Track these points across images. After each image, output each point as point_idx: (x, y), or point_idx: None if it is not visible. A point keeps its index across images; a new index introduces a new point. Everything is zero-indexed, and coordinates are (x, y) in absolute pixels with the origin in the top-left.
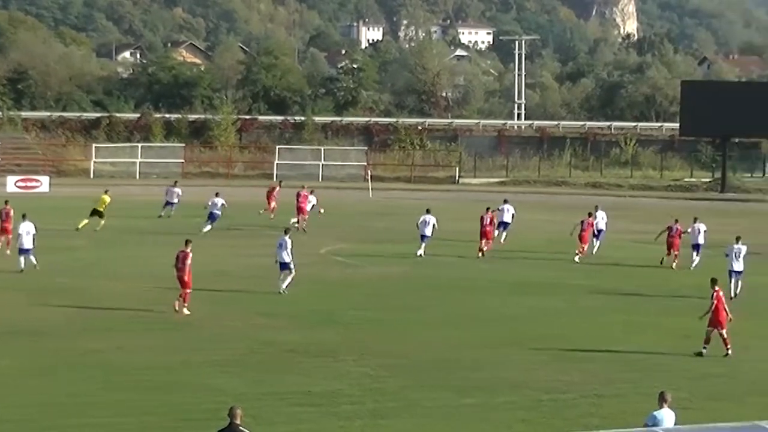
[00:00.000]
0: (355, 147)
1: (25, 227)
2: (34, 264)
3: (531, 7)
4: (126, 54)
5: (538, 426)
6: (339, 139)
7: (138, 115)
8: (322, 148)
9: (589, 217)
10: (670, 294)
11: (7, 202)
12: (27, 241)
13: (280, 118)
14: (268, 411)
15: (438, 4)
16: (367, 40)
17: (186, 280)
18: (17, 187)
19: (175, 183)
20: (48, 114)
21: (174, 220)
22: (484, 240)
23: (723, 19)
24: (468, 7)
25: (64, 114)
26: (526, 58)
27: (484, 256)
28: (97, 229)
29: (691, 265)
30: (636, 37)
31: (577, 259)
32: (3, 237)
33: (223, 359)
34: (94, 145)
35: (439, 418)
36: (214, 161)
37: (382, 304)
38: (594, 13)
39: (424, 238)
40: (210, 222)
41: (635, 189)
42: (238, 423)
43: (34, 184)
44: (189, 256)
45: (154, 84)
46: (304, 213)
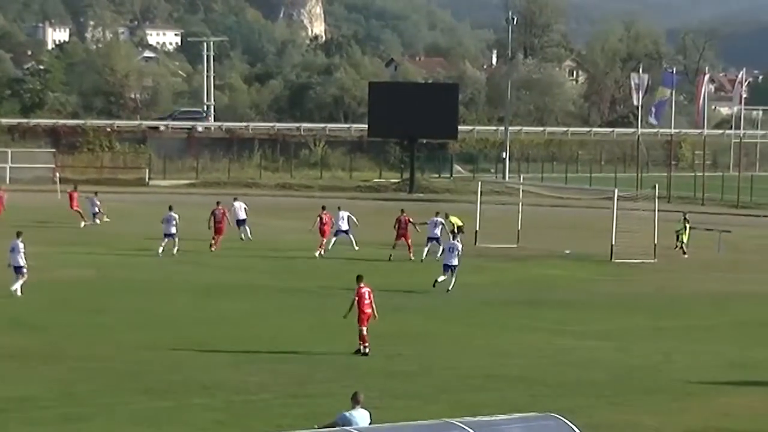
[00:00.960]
0: (43, 149)
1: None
2: None
3: (218, 8)
4: None
5: (233, 427)
6: (26, 141)
7: None
8: (9, 151)
9: (323, 211)
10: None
11: None
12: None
13: None
14: None
15: (125, 5)
16: (54, 41)
17: None
18: None
19: None
20: None
21: None
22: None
23: (408, 21)
24: (155, 8)
25: None
26: (214, 60)
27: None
28: None
29: (423, 256)
30: (324, 38)
31: (317, 255)
32: None
33: None
34: None
35: (133, 422)
36: None
37: (72, 307)
38: (282, 14)
39: (168, 237)
40: None
41: (325, 190)
42: None
43: None
44: None
45: None
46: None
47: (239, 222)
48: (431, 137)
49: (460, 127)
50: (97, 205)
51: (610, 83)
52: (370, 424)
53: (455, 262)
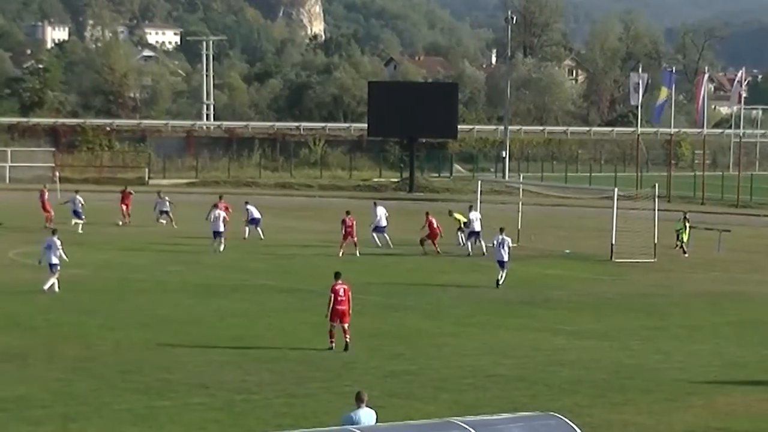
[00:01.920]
0: (42, 148)
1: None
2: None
3: (218, 7)
4: None
5: (231, 427)
6: (25, 140)
7: None
8: (9, 150)
9: (347, 215)
10: (357, 293)
11: None
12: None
13: None
14: None
15: (124, 4)
16: (53, 40)
17: None
18: None
19: None
20: None
21: None
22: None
23: (408, 21)
24: (155, 7)
25: None
26: (213, 59)
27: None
28: None
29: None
30: (323, 38)
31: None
32: None
33: None
34: None
35: (131, 421)
36: None
37: (70, 307)
38: (281, 13)
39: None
40: None
41: (325, 189)
42: None
43: None
44: None
45: None
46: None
47: (254, 221)
48: (431, 136)
49: (459, 127)
50: (80, 203)
51: (609, 82)
52: (377, 422)
53: (506, 257)
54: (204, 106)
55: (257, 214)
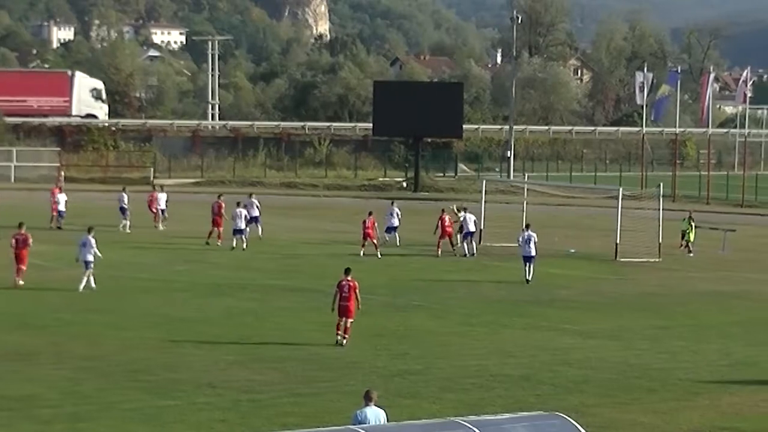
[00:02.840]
0: (48, 148)
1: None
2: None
3: (223, 7)
4: None
5: (238, 426)
6: (31, 140)
7: None
8: (14, 149)
9: (370, 216)
10: (363, 292)
11: None
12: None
13: None
14: None
15: (130, 3)
16: (59, 40)
17: None
18: None
19: None
20: None
21: None
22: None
23: (413, 20)
24: (160, 7)
25: None
26: (219, 59)
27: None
28: None
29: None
30: (328, 37)
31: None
32: None
33: None
34: None
35: (138, 420)
36: None
37: (77, 307)
38: (286, 13)
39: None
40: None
41: (330, 189)
42: None
43: None
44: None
45: None
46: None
47: (252, 219)
48: (436, 136)
49: (464, 126)
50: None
51: (614, 82)
52: (387, 421)
53: (533, 252)
54: (209, 106)
55: (255, 212)
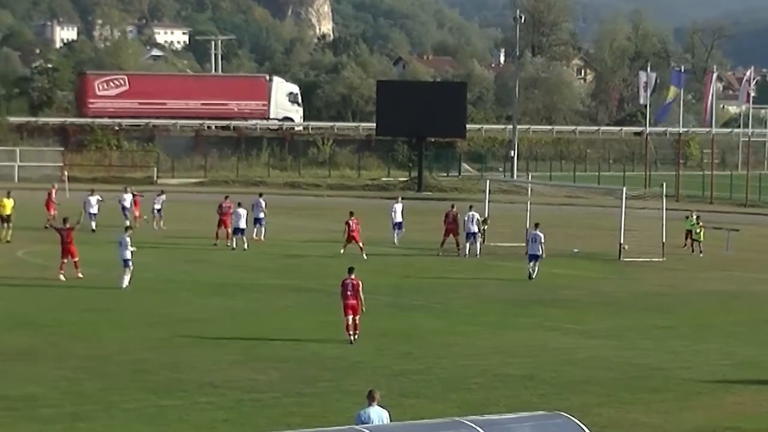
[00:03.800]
0: (51, 147)
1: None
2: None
3: (226, 6)
4: None
5: (241, 426)
6: (34, 139)
7: None
8: (18, 149)
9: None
10: (366, 292)
11: None
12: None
13: None
14: None
15: (133, 3)
16: (62, 40)
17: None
18: None
19: None
20: None
21: None
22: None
23: (417, 20)
24: (163, 6)
25: None
26: (222, 58)
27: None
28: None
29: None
30: (331, 37)
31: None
32: None
33: None
34: None
35: (140, 420)
36: None
37: (78, 306)
38: (289, 13)
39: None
40: None
41: (333, 188)
42: None
43: None
44: None
45: None
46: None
47: (256, 220)
48: (439, 136)
49: (468, 126)
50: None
51: (617, 82)
52: (390, 421)
53: (539, 251)
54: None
55: (260, 213)
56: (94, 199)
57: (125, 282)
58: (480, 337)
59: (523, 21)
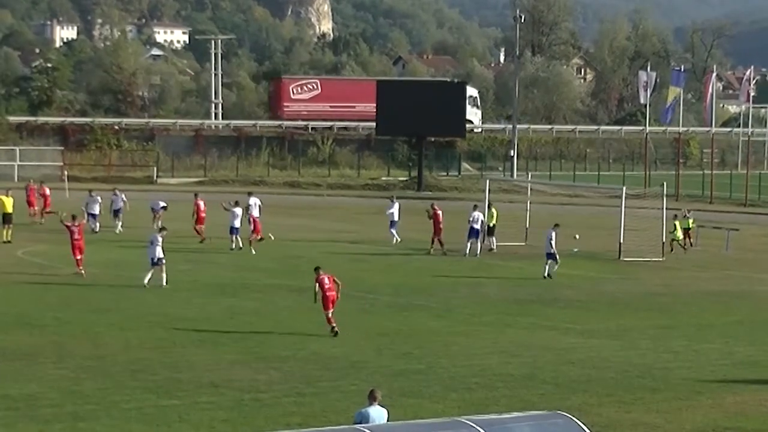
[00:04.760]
0: (51, 147)
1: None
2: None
3: (226, 6)
4: None
5: (240, 426)
6: (34, 139)
7: None
8: (17, 149)
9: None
10: (366, 292)
11: None
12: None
13: None
14: None
15: (133, 2)
16: (62, 39)
17: None
18: None
19: None
20: None
21: None
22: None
23: (417, 20)
24: (163, 6)
25: None
26: (222, 58)
27: None
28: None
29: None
30: (331, 36)
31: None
32: None
33: None
34: None
35: (140, 420)
36: None
37: (78, 306)
38: (289, 12)
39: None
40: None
41: (333, 188)
42: None
43: None
44: None
45: None
46: (33, 206)
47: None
48: (439, 135)
49: (467, 125)
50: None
51: (617, 81)
52: (388, 420)
53: (551, 250)
54: (212, 105)
55: (255, 212)
56: (95, 200)
57: (164, 280)
58: (480, 337)
59: (523, 20)
